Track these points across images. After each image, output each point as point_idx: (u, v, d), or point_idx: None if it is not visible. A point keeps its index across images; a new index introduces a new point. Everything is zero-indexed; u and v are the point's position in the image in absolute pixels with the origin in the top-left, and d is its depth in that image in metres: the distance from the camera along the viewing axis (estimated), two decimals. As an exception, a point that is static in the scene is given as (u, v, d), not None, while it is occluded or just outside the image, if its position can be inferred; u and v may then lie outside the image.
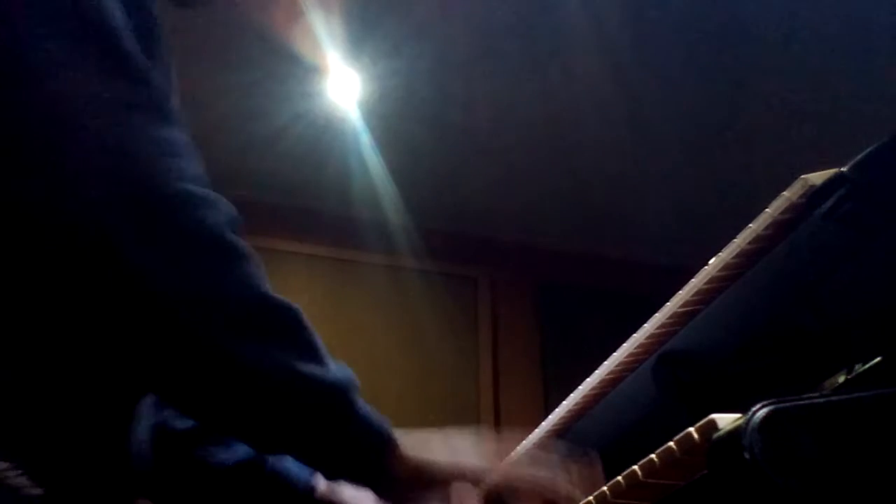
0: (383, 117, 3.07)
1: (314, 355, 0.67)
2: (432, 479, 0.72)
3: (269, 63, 2.82)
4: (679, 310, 0.82)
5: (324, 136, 3.13)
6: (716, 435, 0.54)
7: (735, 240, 0.75)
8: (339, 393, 0.66)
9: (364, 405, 0.69)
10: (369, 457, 0.69)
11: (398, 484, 0.72)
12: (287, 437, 0.67)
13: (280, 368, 0.64)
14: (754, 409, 0.52)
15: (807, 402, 0.53)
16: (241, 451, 0.92)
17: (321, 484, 0.94)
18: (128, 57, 0.64)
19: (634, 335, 0.89)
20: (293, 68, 2.83)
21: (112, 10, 0.64)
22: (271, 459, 0.94)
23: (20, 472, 0.61)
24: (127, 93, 0.63)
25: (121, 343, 0.63)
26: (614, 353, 0.93)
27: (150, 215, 0.60)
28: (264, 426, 0.66)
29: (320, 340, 0.68)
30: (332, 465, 0.69)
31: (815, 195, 0.68)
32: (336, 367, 0.67)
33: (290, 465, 0.94)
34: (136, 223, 0.60)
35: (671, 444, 0.58)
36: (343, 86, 2.94)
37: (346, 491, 0.93)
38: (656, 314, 0.85)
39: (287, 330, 0.66)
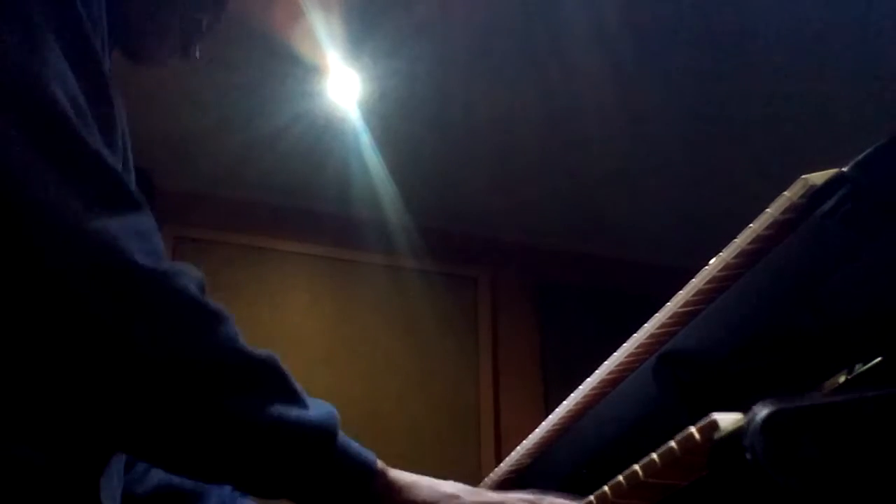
0: (383, 117, 3.07)
1: (295, 399, 0.70)
2: (416, 502, 0.74)
3: (269, 63, 2.82)
4: (679, 310, 0.82)
5: (324, 136, 3.13)
6: (717, 435, 0.54)
7: (735, 240, 0.75)
8: (322, 431, 0.70)
9: (346, 439, 0.72)
10: (357, 487, 0.71)
11: None
12: (276, 479, 0.69)
13: (265, 416, 0.67)
14: (756, 408, 0.52)
15: (808, 402, 0.53)
16: None
17: None
18: (85, 149, 0.67)
19: (634, 335, 0.89)
20: (293, 68, 2.84)
21: (58, 84, 0.66)
22: None
23: None
24: (89, 188, 0.66)
25: (106, 404, 0.65)
26: (614, 353, 0.93)
27: (132, 291, 0.64)
28: (255, 472, 0.69)
29: (297, 384, 0.71)
30: (323, 501, 0.71)
31: (815, 195, 0.68)
32: (316, 407, 0.71)
33: None
34: (119, 300, 0.63)
35: (672, 443, 0.58)
36: (343, 86, 2.95)
37: None
38: (656, 314, 0.85)
39: (267, 380, 0.69)
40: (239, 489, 0.77)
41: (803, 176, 0.69)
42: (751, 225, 0.73)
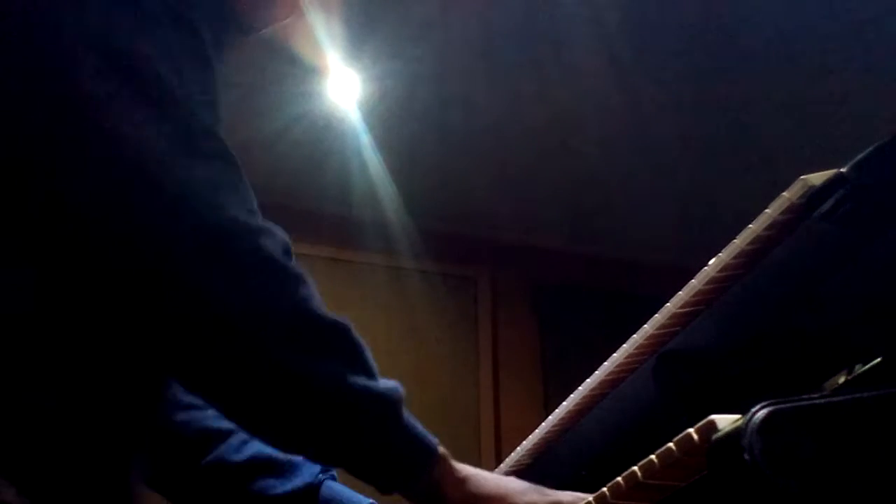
0: (383, 118, 3.07)
1: (364, 369, 0.70)
2: (478, 494, 0.74)
3: (270, 64, 2.82)
4: (679, 311, 0.82)
5: (324, 136, 3.13)
6: (715, 436, 0.54)
7: (735, 240, 0.75)
8: (387, 404, 0.70)
9: (411, 418, 0.72)
10: (416, 467, 0.72)
11: (446, 497, 0.73)
12: (336, 445, 0.70)
13: (333, 381, 0.68)
14: (754, 409, 0.52)
15: (807, 402, 0.53)
16: (295, 481, 0.95)
17: None
18: (184, 107, 0.70)
19: (634, 336, 0.89)
20: (293, 69, 2.83)
21: (160, 52, 0.69)
22: (325, 488, 0.97)
23: (15, 490, 0.63)
24: (186, 140, 0.68)
25: (185, 363, 0.67)
26: (614, 354, 0.93)
27: (213, 246, 0.66)
28: (318, 435, 0.69)
29: (370, 355, 0.72)
30: (382, 476, 0.72)
31: (814, 195, 0.68)
32: (384, 381, 0.71)
33: (344, 492, 0.97)
34: (200, 254, 0.65)
35: (671, 444, 0.58)
36: (343, 86, 2.94)
37: None
38: (656, 315, 0.85)
39: (339, 346, 0.70)
40: (297, 449, 0.78)
41: (802, 176, 0.69)
42: (750, 225, 0.73)
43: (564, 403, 1.04)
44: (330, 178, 3.28)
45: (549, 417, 1.07)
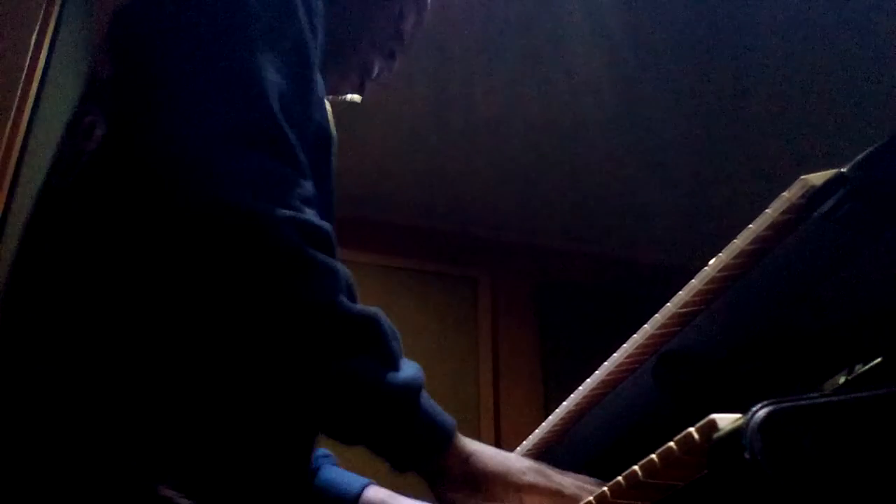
0: (383, 118, 3.07)
1: (387, 360, 0.73)
2: (480, 471, 0.76)
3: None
4: (679, 311, 0.82)
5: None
6: (716, 435, 0.54)
7: (735, 240, 0.75)
8: (408, 395, 0.72)
9: (428, 402, 0.75)
10: (431, 451, 0.74)
11: (449, 474, 0.75)
12: (357, 431, 0.72)
13: (357, 376, 0.70)
14: (754, 409, 0.52)
15: (807, 402, 0.53)
16: None
17: (377, 494, 0.99)
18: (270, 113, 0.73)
19: (634, 336, 0.89)
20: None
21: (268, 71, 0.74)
22: (320, 474, 1.00)
23: (191, 502, 0.66)
24: (247, 125, 0.71)
25: (208, 325, 0.70)
26: (614, 354, 0.93)
27: (252, 234, 0.68)
28: (341, 420, 0.71)
29: (396, 343, 0.75)
30: (398, 458, 0.73)
31: (815, 195, 0.68)
32: (406, 370, 0.74)
33: (339, 477, 0.97)
34: (240, 243, 0.67)
35: (671, 444, 0.58)
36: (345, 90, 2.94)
37: (403, 500, 0.97)
38: (656, 315, 0.85)
39: (364, 338, 0.72)
40: (319, 430, 0.79)
41: (802, 176, 0.69)
42: (750, 225, 0.73)
43: (564, 403, 1.04)
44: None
45: (549, 417, 1.07)
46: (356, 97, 1.11)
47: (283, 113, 0.73)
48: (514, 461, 0.78)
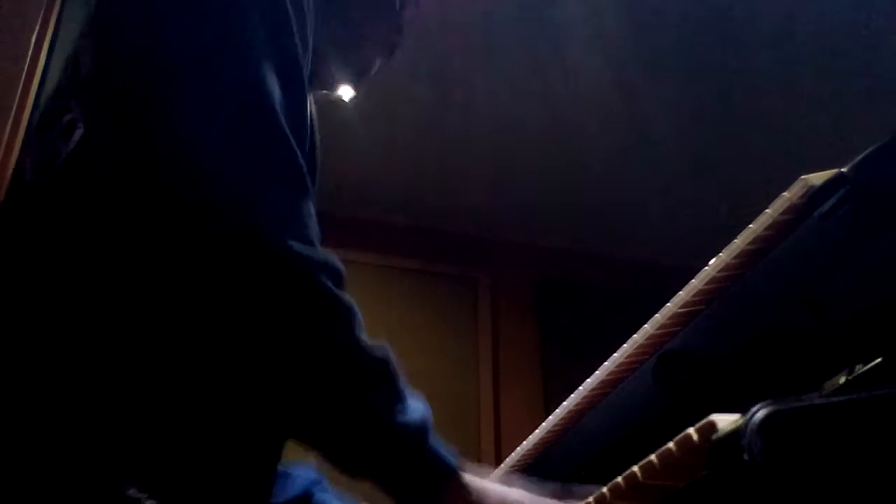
0: (383, 118, 3.07)
1: (398, 400, 0.74)
2: None
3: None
4: (679, 310, 0.82)
5: (323, 136, 3.13)
6: (715, 436, 0.54)
7: (735, 240, 0.74)
8: (417, 434, 0.74)
9: (435, 440, 0.76)
10: (433, 489, 0.75)
11: None
12: (364, 466, 0.74)
13: (376, 413, 0.72)
14: (754, 409, 0.52)
15: (806, 403, 0.52)
16: (289, 491, 0.99)
17: None
18: (276, 128, 0.72)
19: (634, 336, 0.89)
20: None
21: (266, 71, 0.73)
22: (317, 498, 1.01)
23: (156, 502, 0.66)
24: (264, 160, 0.71)
25: (223, 358, 0.70)
26: (614, 354, 0.93)
27: (268, 271, 0.68)
28: (353, 456, 0.73)
29: (403, 384, 0.76)
30: (401, 493, 0.75)
31: (815, 196, 0.68)
32: (415, 409, 0.75)
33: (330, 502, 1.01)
34: (253, 278, 0.67)
35: (671, 445, 0.58)
36: (342, 86, 2.94)
37: None
38: (656, 315, 0.85)
39: (377, 380, 0.74)
40: (329, 461, 0.80)
41: (803, 176, 0.68)
42: (750, 225, 0.73)
43: (564, 403, 1.03)
44: (329, 178, 3.28)
45: (549, 417, 1.07)
46: (348, 93, 1.10)
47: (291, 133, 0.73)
48: (513, 494, 0.79)
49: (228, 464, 0.74)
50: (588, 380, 0.98)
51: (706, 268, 0.78)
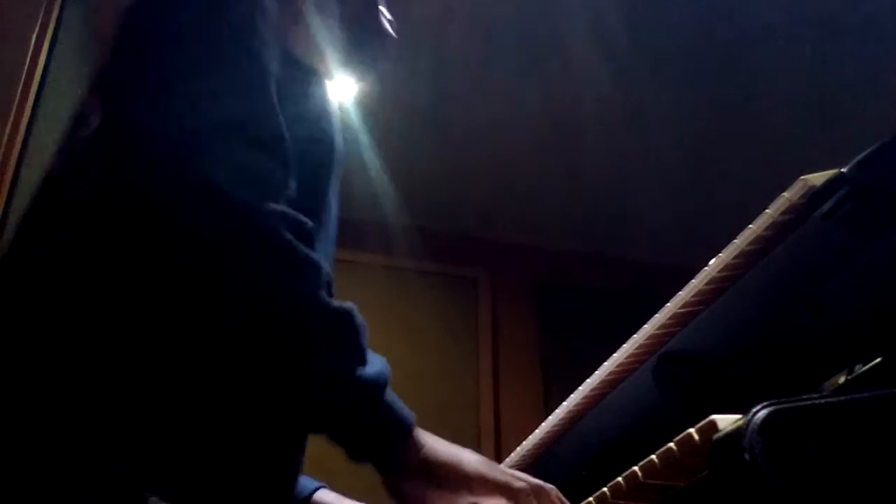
0: (382, 118, 3.06)
1: (356, 355, 0.74)
2: (433, 460, 0.78)
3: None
4: (679, 310, 0.82)
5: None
6: (716, 436, 0.54)
7: (735, 240, 0.75)
8: (373, 391, 0.74)
9: (391, 397, 0.76)
10: (389, 444, 0.76)
11: (404, 463, 0.77)
12: (320, 422, 0.74)
13: (332, 368, 0.72)
14: (755, 410, 0.52)
15: (807, 403, 0.53)
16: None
17: (326, 496, 1.00)
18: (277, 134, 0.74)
19: (634, 336, 0.89)
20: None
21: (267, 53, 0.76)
22: (316, 497, 1.00)
23: None
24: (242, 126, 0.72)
25: (186, 319, 0.70)
26: (614, 354, 0.93)
27: (232, 225, 0.68)
28: (311, 410, 0.74)
29: (365, 338, 0.75)
30: (357, 449, 0.76)
31: (815, 196, 0.68)
32: (373, 365, 0.75)
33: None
34: (218, 234, 0.68)
35: (671, 444, 0.58)
36: (341, 86, 2.94)
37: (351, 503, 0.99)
38: (656, 315, 0.85)
39: (337, 333, 0.73)
40: (286, 419, 0.81)
41: (803, 177, 0.69)
42: (750, 226, 0.73)
43: (564, 403, 1.04)
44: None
45: (549, 417, 1.07)
46: (348, 93, 1.13)
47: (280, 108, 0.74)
48: (465, 454, 0.80)
49: (244, 465, 0.75)
50: (588, 380, 0.98)
51: (706, 268, 0.78)
